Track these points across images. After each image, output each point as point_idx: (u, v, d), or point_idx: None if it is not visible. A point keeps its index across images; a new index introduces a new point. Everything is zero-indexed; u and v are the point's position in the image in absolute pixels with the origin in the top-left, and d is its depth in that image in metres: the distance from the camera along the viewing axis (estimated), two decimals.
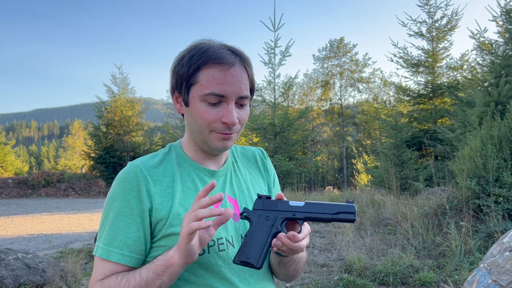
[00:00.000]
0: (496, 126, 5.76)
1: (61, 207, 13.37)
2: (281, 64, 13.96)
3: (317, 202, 1.01)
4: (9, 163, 22.56)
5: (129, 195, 1.03)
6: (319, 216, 0.99)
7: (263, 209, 1.00)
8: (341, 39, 24.75)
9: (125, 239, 1.02)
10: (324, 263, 5.05)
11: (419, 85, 12.55)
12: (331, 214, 0.98)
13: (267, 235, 0.98)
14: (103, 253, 1.03)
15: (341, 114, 24.54)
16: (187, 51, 1.07)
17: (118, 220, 1.03)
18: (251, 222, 1.00)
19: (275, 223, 0.99)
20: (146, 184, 1.04)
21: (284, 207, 1.00)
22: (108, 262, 1.02)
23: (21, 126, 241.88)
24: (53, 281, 4.07)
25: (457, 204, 5.70)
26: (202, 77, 1.02)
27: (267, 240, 0.97)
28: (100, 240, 1.05)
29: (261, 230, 0.98)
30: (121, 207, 1.03)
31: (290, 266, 1.16)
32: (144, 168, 1.06)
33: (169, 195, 1.06)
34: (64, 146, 43.85)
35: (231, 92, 1.02)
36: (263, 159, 1.30)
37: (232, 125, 1.04)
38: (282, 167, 12.73)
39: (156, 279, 0.96)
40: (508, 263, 2.42)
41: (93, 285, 1.03)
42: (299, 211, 1.00)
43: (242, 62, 1.06)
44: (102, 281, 1.01)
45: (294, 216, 0.99)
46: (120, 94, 21.06)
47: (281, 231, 0.98)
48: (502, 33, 8.82)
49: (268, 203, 1.01)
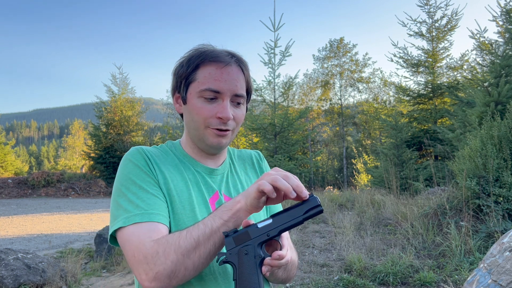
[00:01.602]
0: (496, 126, 5.76)
1: (61, 207, 13.37)
2: (281, 64, 13.95)
3: (283, 212, 0.98)
4: (9, 163, 22.57)
5: (141, 170, 1.05)
6: (290, 224, 0.97)
7: (236, 246, 0.96)
8: (341, 39, 24.73)
9: (153, 203, 1.01)
10: (324, 263, 5.05)
11: (419, 85, 12.56)
12: (301, 216, 0.96)
13: (254, 269, 0.95)
14: (143, 217, 0.97)
15: (341, 114, 24.53)
16: (187, 54, 1.12)
17: (141, 189, 1.02)
18: (233, 264, 0.96)
19: (256, 253, 0.96)
20: (151, 164, 1.08)
21: (255, 233, 0.97)
22: (148, 224, 0.97)
23: (21, 126, 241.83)
24: (53, 281, 4.07)
25: (457, 204, 5.70)
26: (200, 74, 1.07)
27: (257, 273, 0.95)
28: (124, 211, 0.99)
29: (247, 268, 0.95)
30: (142, 177, 1.04)
31: (278, 273, 1.16)
32: (148, 152, 1.10)
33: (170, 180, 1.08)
34: (64, 146, 43.85)
35: (226, 88, 1.07)
36: (259, 161, 1.32)
37: (227, 120, 1.07)
38: (282, 167, 12.73)
39: (222, 226, 0.95)
40: (508, 263, 2.42)
41: (144, 244, 0.93)
42: (271, 228, 0.97)
43: (238, 63, 1.11)
44: (156, 240, 0.94)
45: (270, 236, 0.97)
46: (120, 94, 21.08)
47: (265, 257, 0.96)
48: (502, 33, 8.83)
49: (238, 237, 0.97)
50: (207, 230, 0.94)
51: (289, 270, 1.20)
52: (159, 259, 0.91)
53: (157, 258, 0.91)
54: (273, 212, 1.27)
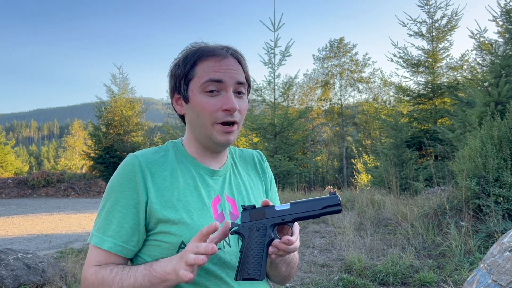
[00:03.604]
0: (496, 126, 5.76)
1: (61, 207, 13.37)
2: (281, 64, 13.96)
3: (302, 201, 1.01)
4: (9, 163, 22.55)
5: (125, 186, 1.05)
6: (307, 214, 1.00)
7: (251, 221, 1.00)
8: (341, 39, 24.72)
9: (119, 229, 1.05)
10: (324, 263, 5.05)
11: (419, 85, 12.56)
12: (318, 210, 0.99)
13: (262, 246, 0.98)
14: (97, 241, 1.05)
15: (341, 114, 24.53)
16: (182, 53, 1.11)
17: (114, 210, 1.06)
18: (243, 236, 0.99)
19: (267, 232, 0.98)
20: (143, 177, 1.06)
21: (271, 214, 1.00)
22: (101, 250, 1.05)
23: (21, 126, 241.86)
24: (53, 281, 4.07)
25: (457, 204, 5.70)
26: (199, 70, 1.07)
27: (264, 251, 0.98)
28: (95, 228, 1.08)
29: (255, 243, 0.98)
30: (118, 197, 1.06)
31: (282, 267, 1.16)
32: (143, 161, 1.08)
33: (166, 189, 1.07)
34: (64, 146, 43.84)
35: (228, 77, 1.06)
36: (261, 161, 1.32)
37: (234, 111, 1.06)
38: (282, 167, 12.72)
39: (150, 287, 0.98)
40: (508, 263, 2.42)
41: (87, 269, 1.05)
42: (287, 214, 1.00)
43: (235, 55, 1.10)
44: (97, 269, 1.04)
45: (284, 221, 1.00)
46: (120, 94, 21.06)
47: (274, 238, 0.99)
48: (502, 33, 8.82)
49: (254, 213, 1.00)
50: (136, 286, 0.99)
51: (292, 268, 1.20)
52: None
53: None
54: (272, 201, 1.29)
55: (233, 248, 1.09)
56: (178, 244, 1.04)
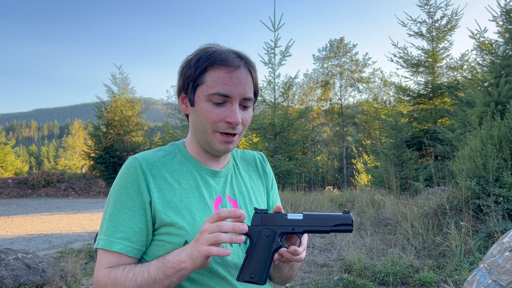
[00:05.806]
0: (496, 126, 5.76)
1: (61, 207, 13.37)
2: (281, 64, 13.94)
3: (315, 214, 1.01)
4: (9, 163, 22.56)
5: (130, 188, 1.06)
6: (317, 229, 1.00)
7: (261, 225, 1.00)
8: (341, 39, 24.70)
9: (127, 230, 1.05)
10: (324, 263, 5.05)
11: (419, 85, 12.55)
12: (330, 226, 0.99)
13: (268, 252, 0.98)
14: (105, 244, 1.05)
15: (341, 114, 24.51)
16: (195, 54, 1.10)
17: (120, 212, 1.06)
18: (251, 239, 1.00)
19: (275, 239, 0.99)
20: (145, 179, 1.07)
21: (282, 222, 1.00)
22: (111, 252, 1.05)
23: (21, 126, 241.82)
24: (53, 281, 4.07)
25: (457, 204, 5.70)
26: (208, 78, 1.06)
27: (269, 257, 0.99)
28: (102, 232, 1.08)
29: (262, 248, 0.98)
30: (123, 200, 1.06)
31: (285, 269, 1.18)
32: (144, 162, 1.09)
33: (167, 190, 1.08)
34: (64, 146, 43.82)
35: (236, 93, 1.05)
36: (262, 163, 1.32)
37: (236, 125, 1.07)
38: (282, 167, 12.73)
39: (164, 279, 0.98)
40: (508, 263, 2.42)
41: (99, 271, 1.05)
42: (298, 225, 1.00)
43: (247, 66, 1.09)
44: (109, 270, 1.03)
45: (294, 231, 1.00)
46: (120, 94, 21.06)
47: (282, 247, 1.00)
48: (502, 33, 8.83)
49: (266, 218, 1.00)
50: (150, 280, 0.98)
51: (294, 270, 1.22)
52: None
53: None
54: (274, 204, 1.29)
55: (235, 247, 1.10)
56: (181, 244, 1.04)
